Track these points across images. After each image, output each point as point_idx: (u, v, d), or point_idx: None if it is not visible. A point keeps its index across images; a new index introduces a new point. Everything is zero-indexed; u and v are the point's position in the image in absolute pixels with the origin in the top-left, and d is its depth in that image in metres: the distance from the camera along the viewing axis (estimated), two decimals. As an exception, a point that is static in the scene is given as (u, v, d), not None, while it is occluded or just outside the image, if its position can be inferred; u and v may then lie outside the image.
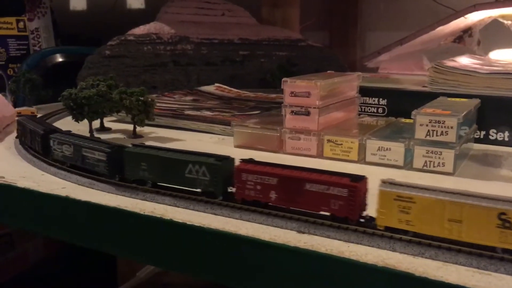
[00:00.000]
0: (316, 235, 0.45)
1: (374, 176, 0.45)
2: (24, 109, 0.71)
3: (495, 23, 1.25)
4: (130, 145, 0.56)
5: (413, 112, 0.64)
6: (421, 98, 0.74)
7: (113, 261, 1.40)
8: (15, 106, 1.11)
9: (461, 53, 1.07)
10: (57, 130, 0.66)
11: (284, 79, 0.73)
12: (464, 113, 0.64)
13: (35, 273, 1.28)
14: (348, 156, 0.69)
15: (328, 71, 0.87)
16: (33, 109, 0.71)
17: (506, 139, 0.78)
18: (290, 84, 0.72)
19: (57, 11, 1.66)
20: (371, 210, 0.44)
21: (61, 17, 1.69)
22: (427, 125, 0.62)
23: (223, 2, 1.49)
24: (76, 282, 1.28)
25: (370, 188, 0.45)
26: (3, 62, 1.43)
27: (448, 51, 1.20)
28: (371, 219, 0.44)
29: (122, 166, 0.55)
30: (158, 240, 0.51)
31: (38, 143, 0.66)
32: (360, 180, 0.44)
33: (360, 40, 1.67)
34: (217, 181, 0.49)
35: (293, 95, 0.72)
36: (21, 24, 1.44)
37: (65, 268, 1.31)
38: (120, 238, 0.55)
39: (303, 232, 0.45)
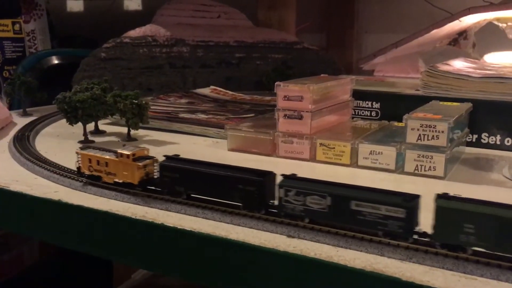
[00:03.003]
0: (305, 239, 0.45)
1: (370, 180, 0.45)
2: (137, 151, 0.57)
3: (490, 26, 1.26)
4: (439, 196, 0.41)
5: (404, 117, 0.64)
6: (414, 102, 0.74)
7: (109, 264, 1.40)
8: (10, 108, 1.11)
9: (456, 55, 1.07)
10: (272, 173, 0.49)
11: (277, 83, 0.73)
12: (455, 117, 0.64)
13: (31, 275, 1.28)
14: (340, 159, 0.69)
15: (322, 75, 0.87)
16: (146, 148, 0.60)
17: (498, 142, 0.78)
18: (283, 88, 0.73)
19: (53, 13, 1.66)
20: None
21: (57, 19, 1.69)
22: (418, 129, 0.63)
23: (219, 4, 1.50)
24: (71, 284, 1.28)
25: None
26: (-1, 64, 1.44)
27: (444, 53, 1.20)
28: None
29: (417, 224, 0.43)
30: (149, 244, 0.51)
31: (249, 194, 0.49)
32: None
33: (356, 43, 1.67)
34: None
35: (286, 99, 0.73)
36: (17, 26, 1.44)
37: (61, 270, 1.31)
38: (112, 242, 0.55)
39: (293, 237, 0.46)
